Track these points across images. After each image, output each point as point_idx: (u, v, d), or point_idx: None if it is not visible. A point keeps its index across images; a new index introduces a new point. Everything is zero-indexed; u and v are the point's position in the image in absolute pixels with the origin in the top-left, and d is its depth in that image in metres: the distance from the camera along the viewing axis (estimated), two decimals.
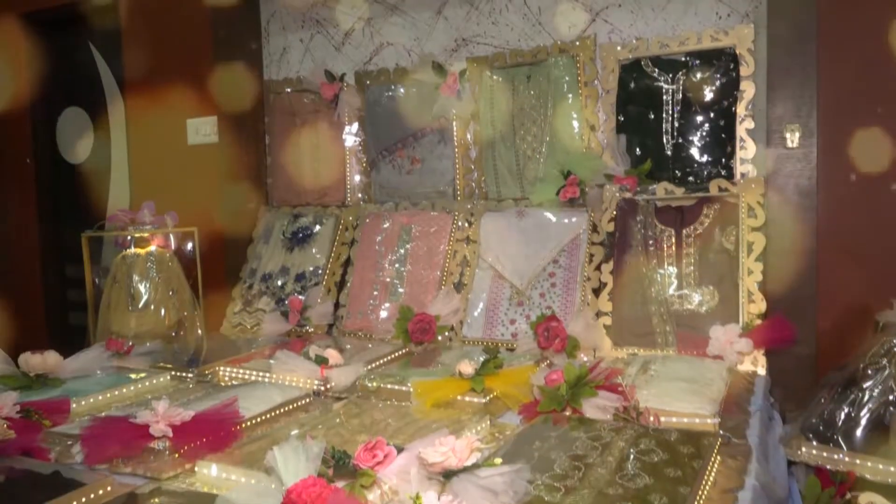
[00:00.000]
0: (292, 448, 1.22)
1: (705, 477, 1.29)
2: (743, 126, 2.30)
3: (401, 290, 2.61)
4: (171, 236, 2.58)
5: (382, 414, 1.71)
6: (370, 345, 2.45)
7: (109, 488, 1.30)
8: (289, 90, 3.02)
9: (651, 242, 2.29)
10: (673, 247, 2.27)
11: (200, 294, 2.60)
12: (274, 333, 2.65)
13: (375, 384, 1.93)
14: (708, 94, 2.33)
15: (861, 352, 1.70)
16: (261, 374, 2.04)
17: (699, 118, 2.34)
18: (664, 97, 2.38)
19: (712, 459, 1.37)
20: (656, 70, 2.39)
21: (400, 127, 2.80)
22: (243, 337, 2.70)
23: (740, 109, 2.30)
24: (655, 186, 2.35)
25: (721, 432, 1.52)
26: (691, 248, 2.25)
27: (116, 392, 1.93)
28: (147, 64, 3.22)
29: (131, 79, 3.31)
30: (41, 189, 3.65)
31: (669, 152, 2.38)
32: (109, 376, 2.08)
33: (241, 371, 2.09)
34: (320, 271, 2.79)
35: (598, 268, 2.36)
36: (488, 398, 1.79)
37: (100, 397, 1.88)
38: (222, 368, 2.12)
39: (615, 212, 2.37)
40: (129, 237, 2.52)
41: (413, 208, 2.76)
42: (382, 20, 2.86)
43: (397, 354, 2.29)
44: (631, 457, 1.37)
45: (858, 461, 1.54)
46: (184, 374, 2.11)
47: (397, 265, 2.66)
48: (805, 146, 2.14)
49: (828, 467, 1.57)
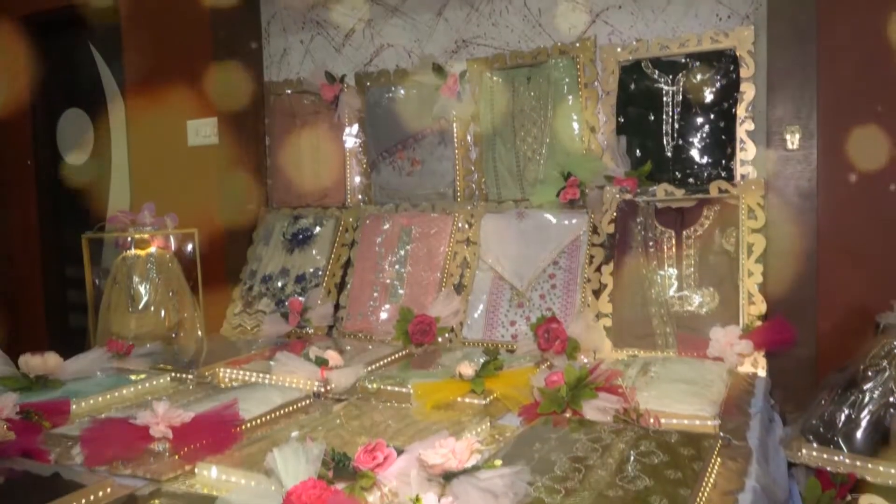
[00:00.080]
0: (292, 450, 1.22)
1: (705, 479, 1.29)
2: (743, 128, 2.30)
3: (401, 292, 2.61)
4: (172, 237, 2.58)
5: (382, 415, 1.71)
6: (370, 346, 2.44)
7: (109, 490, 1.30)
8: (289, 91, 3.02)
9: (651, 244, 2.29)
10: (673, 248, 2.27)
11: (200, 295, 2.60)
12: (274, 335, 2.65)
13: (375, 386, 1.93)
14: (708, 96, 2.33)
15: (861, 353, 1.70)
16: (261, 376, 2.03)
17: (699, 120, 2.34)
18: (664, 99, 2.38)
19: (712, 461, 1.36)
20: (656, 72, 2.39)
21: (400, 128, 2.79)
22: (243, 338, 2.70)
23: (740, 111, 2.30)
24: (655, 188, 2.35)
25: (721, 434, 1.52)
26: (691, 250, 2.25)
27: (116, 393, 1.93)
28: (147, 65, 3.22)
29: (132, 80, 3.31)
30: (41, 190, 3.65)
31: (669, 154, 2.38)
32: (109, 378, 2.08)
33: (241, 372, 2.08)
34: (320, 273, 2.78)
35: (599, 269, 2.35)
36: (488, 400, 1.79)
37: (100, 399, 1.88)
38: (222, 370, 2.12)
39: (615, 213, 2.37)
40: (130, 238, 2.53)
41: (413, 210, 2.76)
42: (383, 22, 2.86)
43: (397, 356, 2.29)
44: (631, 459, 1.37)
45: (859, 463, 1.54)
46: (184, 376, 2.11)
47: (397, 267, 2.66)
48: (805, 148, 2.14)
49: (828, 469, 1.57)
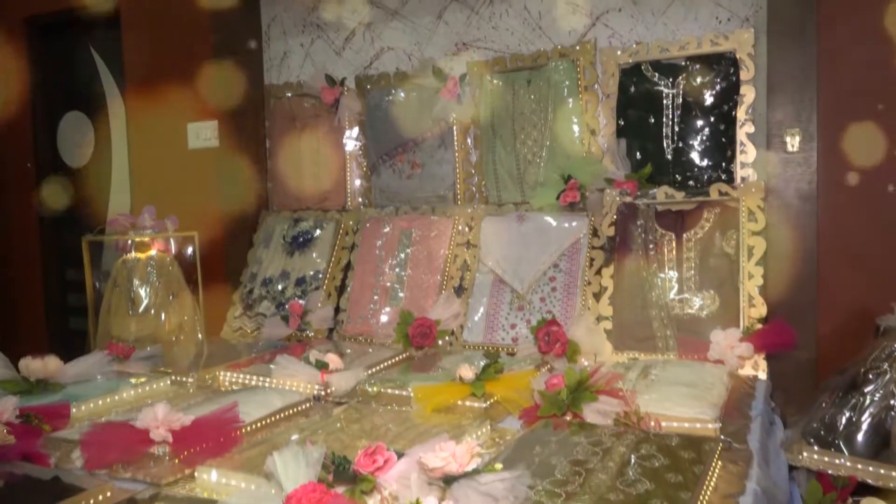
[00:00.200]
0: (292, 453, 1.22)
1: (706, 482, 1.29)
2: (743, 130, 2.30)
3: (401, 295, 2.61)
4: (172, 240, 2.58)
5: (383, 419, 1.71)
6: (370, 349, 2.44)
7: (109, 494, 1.30)
8: (289, 94, 3.03)
9: (651, 247, 2.29)
10: (673, 251, 2.27)
11: (201, 298, 2.60)
12: (274, 338, 2.65)
13: (376, 389, 1.93)
14: (708, 99, 2.33)
15: (862, 356, 1.70)
16: (261, 379, 2.03)
17: (699, 122, 2.34)
18: (664, 101, 2.38)
19: (713, 464, 1.36)
20: (656, 74, 2.40)
21: (400, 131, 2.80)
22: (244, 341, 2.70)
23: (740, 114, 2.30)
24: (656, 190, 2.35)
25: (722, 437, 1.52)
26: (692, 253, 2.25)
27: (116, 397, 1.93)
28: (148, 68, 3.22)
29: (132, 83, 3.32)
30: (42, 193, 3.65)
31: (670, 156, 2.38)
32: (110, 381, 2.08)
33: (242, 376, 2.08)
34: (321, 276, 2.78)
35: (599, 272, 2.35)
36: (489, 403, 1.79)
37: (100, 402, 1.88)
38: (222, 373, 2.12)
39: (615, 216, 2.37)
40: (130, 241, 2.52)
41: (413, 213, 2.76)
42: (383, 24, 2.86)
43: (398, 359, 2.29)
44: (632, 462, 1.36)
45: (860, 466, 1.54)
46: (184, 379, 2.11)
47: (398, 269, 2.65)
48: (805, 150, 2.14)
49: (829, 472, 1.57)
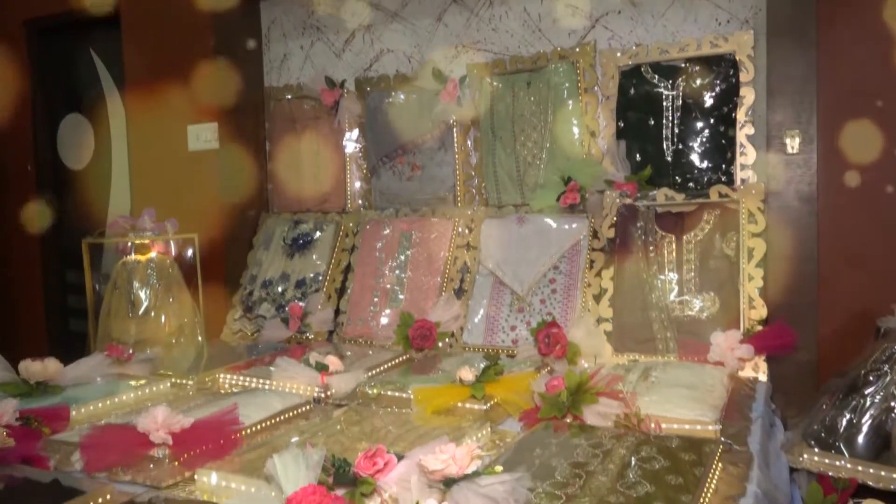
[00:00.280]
0: (292, 456, 1.22)
1: (707, 484, 1.29)
2: (743, 132, 2.30)
3: (401, 297, 2.61)
4: (172, 242, 2.59)
5: (383, 421, 1.71)
6: (370, 351, 2.44)
7: (109, 496, 1.30)
8: (289, 97, 3.03)
9: (651, 248, 2.29)
10: (673, 253, 2.27)
11: (201, 300, 2.60)
12: (274, 340, 2.65)
13: (376, 391, 1.93)
14: (708, 100, 2.33)
15: (862, 358, 1.70)
16: (261, 381, 2.03)
17: (699, 124, 2.34)
18: (664, 103, 2.38)
19: (714, 466, 1.36)
20: (656, 76, 2.40)
21: (400, 133, 2.80)
22: (243, 343, 2.70)
23: (740, 115, 2.30)
24: (656, 192, 2.35)
25: (722, 439, 1.52)
26: (692, 254, 2.25)
27: (116, 399, 1.92)
28: (148, 70, 3.23)
29: (132, 85, 3.32)
30: (42, 195, 3.65)
31: (669, 158, 2.38)
32: (109, 383, 2.08)
33: (241, 378, 2.08)
34: (321, 278, 2.78)
35: (599, 274, 2.35)
36: (489, 405, 1.79)
37: (99, 405, 1.87)
38: (222, 375, 2.11)
39: (615, 218, 2.37)
40: (130, 243, 2.53)
41: (413, 215, 2.76)
42: (383, 27, 2.86)
43: (398, 361, 2.29)
44: (632, 464, 1.36)
45: (860, 468, 1.54)
46: (184, 381, 2.11)
47: (398, 271, 2.65)
48: (805, 152, 2.13)
49: (830, 474, 1.56)
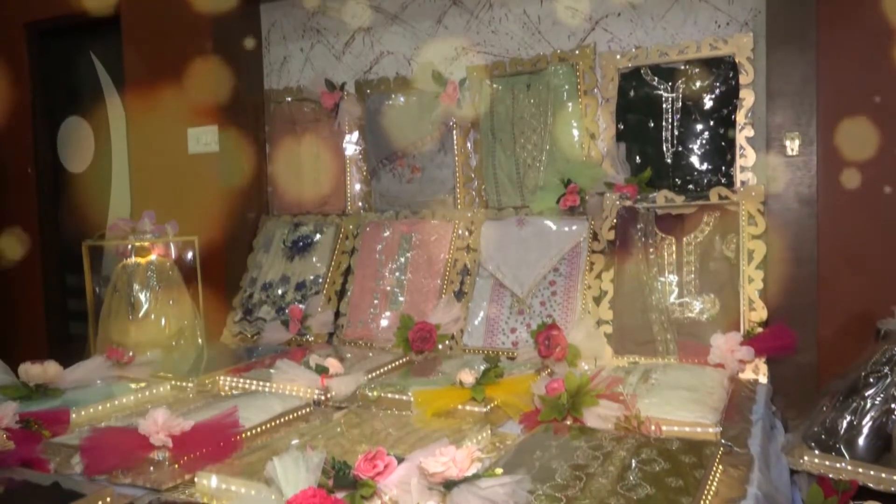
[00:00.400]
0: (292, 459, 1.21)
1: (707, 486, 1.29)
2: (743, 134, 2.30)
3: (401, 299, 2.61)
4: (172, 245, 2.59)
5: (383, 423, 1.71)
6: (370, 354, 2.44)
7: (109, 499, 1.30)
8: (289, 99, 3.03)
9: (651, 250, 2.29)
10: (673, 255, 2.27)
11: (201, 303, 2.60)
12: (274, 342, 2.65)
13: (376, 393, 1.93)
14: (707, 103, 2.33)
15: (862, 360, 1.70)
16: (261, 384, 2.03)
17: (699, 126, 2.34)
18: (664, 105, 2.39)
19: (714, 469, 1.36)
20: (656, 78, 2.40)
21: (400, 136, 2.80)
22: (243, 346, 2.70)
23: (740, 117, 2.30)
24: (656, 194, 2.35)
25: (723, 441, 1.52)
26: (692, 256, 2.25)
27: (116, 402, 1.92)
28: (148, 72, 3.23)
29: (132, 88, 3.32)
30: (42, 198, 3.66)
31: (669, 160, 2.38)
32: (109, 386, 2.08)
33: (242, 380, 2.08)
34: (321, 280, 2.78)
35: (599, 276, 2.35)
36: (489, 407, 1.78)
37: (99, 407, 1.87)
38: (222, 378, 2.11)
39: (615, 220, 2.37)
40: (130, 246, 2.53)
41: (413, 217, 2.76)
42: (383, 29, 2.87)
43: (398, 363, 2.29)
44: (632, 466, 1.36)
45: (861, 470, 1.54)
46: (184, 384, 2.11)
47: (398, 274, 2.65)
48: (805, 154, 2.14)
49: (830, 476, 1.56)
